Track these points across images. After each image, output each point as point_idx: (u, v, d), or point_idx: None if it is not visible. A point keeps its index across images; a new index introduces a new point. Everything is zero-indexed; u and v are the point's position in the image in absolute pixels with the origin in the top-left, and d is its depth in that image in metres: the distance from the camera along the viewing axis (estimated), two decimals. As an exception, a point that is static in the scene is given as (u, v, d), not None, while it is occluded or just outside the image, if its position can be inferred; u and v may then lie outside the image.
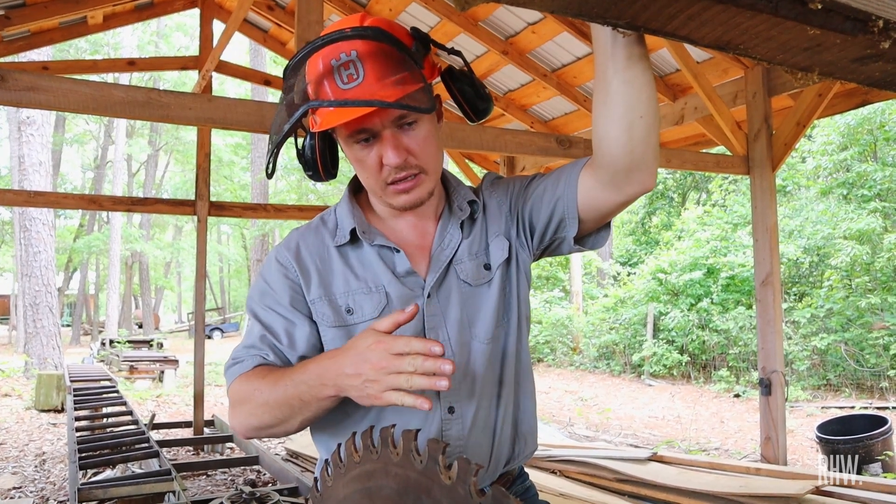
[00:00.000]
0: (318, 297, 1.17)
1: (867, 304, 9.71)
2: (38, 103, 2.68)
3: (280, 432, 1.10)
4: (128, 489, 3.79)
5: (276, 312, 1.17)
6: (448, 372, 0.89)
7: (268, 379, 1.08)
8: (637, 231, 19.46)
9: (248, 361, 1.14)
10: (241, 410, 1.11)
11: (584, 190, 1.13)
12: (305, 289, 1.18)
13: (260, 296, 1.20)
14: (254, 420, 1.09)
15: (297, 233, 1.26)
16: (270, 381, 1.07)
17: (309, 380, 1.01)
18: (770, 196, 4.66)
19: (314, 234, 1.24)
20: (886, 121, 11.53)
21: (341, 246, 1.21)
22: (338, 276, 1.19)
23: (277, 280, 1.19)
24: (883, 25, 0.67)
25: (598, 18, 0.72)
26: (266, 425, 1.09)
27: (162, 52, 24.96)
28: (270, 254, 1.25)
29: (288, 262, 1.20)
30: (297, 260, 1.20)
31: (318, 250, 1.21)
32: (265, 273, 1.22)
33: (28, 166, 12.48)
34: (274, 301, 1.18)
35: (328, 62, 1.04)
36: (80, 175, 32.64)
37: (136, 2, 5.90)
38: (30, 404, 9.28)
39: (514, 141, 3.98)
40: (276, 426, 1.09)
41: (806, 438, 6.79)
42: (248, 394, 1.09)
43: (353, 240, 1.21)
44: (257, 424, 1.10)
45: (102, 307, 27.34)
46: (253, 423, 1.10)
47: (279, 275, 1.19)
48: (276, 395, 1.05)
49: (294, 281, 1.18)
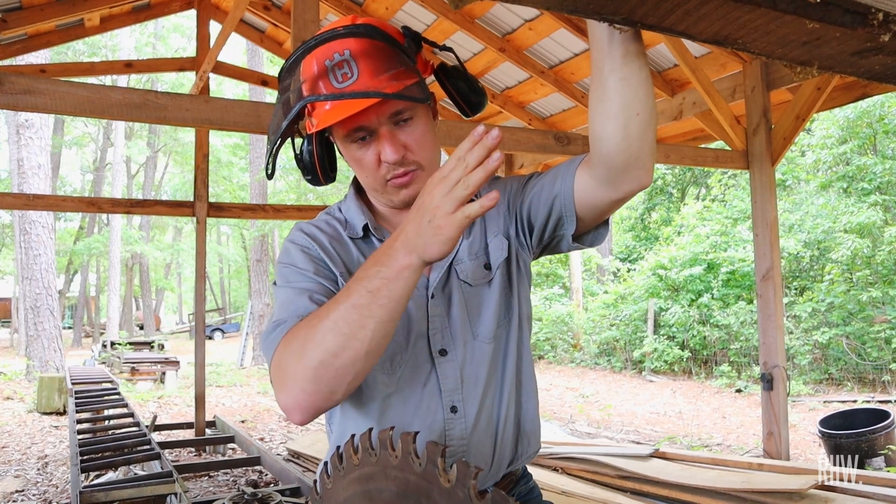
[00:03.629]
0: (342, 273, 1.16)
1: (868, 297, 9.71)
2: (35, 106, 2.68)
3: (348, 360, 0.93)
4: (130, 491, 3.80)
5: (308, 279, 1.13)
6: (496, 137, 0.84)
7: (321, 308, 0.99)
8: (637, 227, 19.46)
9: (292, 320, 1.04)
10: (295, 368, 0.95)
11: (580, 187, 1.13)
12: (331, 263, 1.16)
13: (287, 276, 1.15)
14: (313, 367, 0.93)
15: (307, 222, 1.25)
16: (325, 305, 0.98)
17: (376, 260, 0.94)
18: (770, 190, 4.65)
19: (326, 224, 1.24)
20: (886, 113, 11.53)
21: (354, 239, 1.22)
22: (355, 264, 1.19)
23: (301, 258, 1.16)
24: (883, 18, 0.67)
25: (595, 14, 0.72)
26: (332, 351, 0.92)
27: (159, 54, 24.96)
28: (286, 244, 1.22)
29: (308, 242, 1.18)
30: (317, 241, 1.19)
31: (336, 237, 1.21)
32: (287, 258, 1.18)
33: (27, 169, 12.48)
34: (302, 275, 1.13)
35: (322, 63, 1.05)
36: (79, 177, 32.66)
37: (132, 3, 5.88)
38: (31, 407, 9.28)
39: (511, 138, 3.98)
40: (343, 350, 0.92)
41: (808, 433, 6.78)
42: (301, 335, 0.97)
43: (364, 236, 1.22)
44: (321, 357, 0.93)
45: (103, 309, 27.36)
46: (315, 360, 0.93)
47: (301, 253, 1.17)
48: (337, 306, 0.94)
49: (317, 257, 1.17)
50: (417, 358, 1.16)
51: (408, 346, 1.16)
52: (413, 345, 1.16)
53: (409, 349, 1.16)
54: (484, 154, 0.85)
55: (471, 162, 0.85)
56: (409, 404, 1.14)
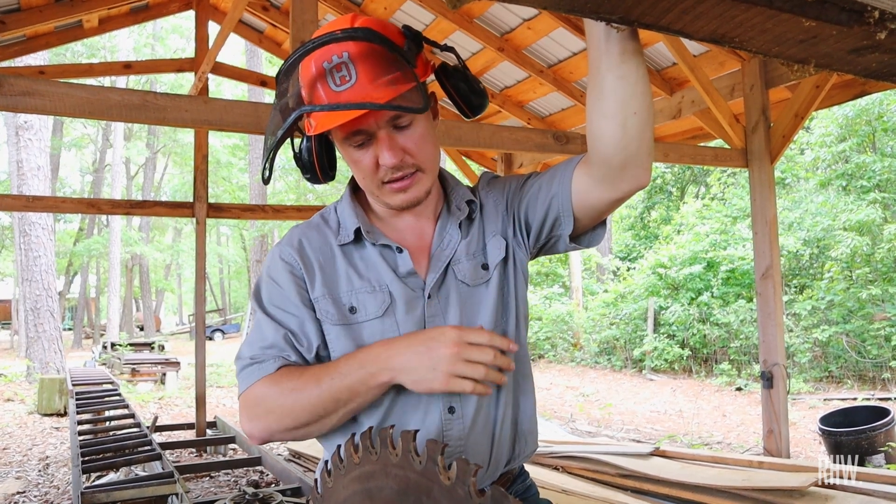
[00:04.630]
0: (322, 295, 1.16)
1: (868, 295, 9.71)
2: (34, 108, 2.67)
3: (314, 431, 1.09)
4: (131, 492, 3.80)
5: (289, 312, 1.16)
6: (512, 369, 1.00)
7: (305, 377, 1.07)
8: (636, 226, 19.46)
9: (271, 363, 1.11)
10: (268, 414, 1.08)
11: (578, 187, 1.13)
12: (310, 285, 1.17)
13: (271, 295, 1.18)
14: (288, 421, 1.07)
15: (299, 230, 1.25)
16: (310, 377, 1.06)
17: (363, 367, 1.03)
18: (769, 188, 4.65)
19: (316, 231, 1.23)
20: (885, 111, 11.53)
21: (344, 245, 1.21)
22: (341, 275, 1.18)
23: (284, 278, 1.18)
24: (879, 16, 0.67)
25: (592, 14, 0.72)
26: (303, 424, 1.07)
27: (158, 55, 24.94)
28: (273, 251, 1.23)
29: (292, 258, 1.19)
30: (301, 257, 1.19)
31: (322, 248, 1.21)
32: (272, 272, 1.20)
33: (27, 171, 12.48)
34: (286, 300, 1.16)
35: (320, 65, 1.05)
36: (78, 179, 32.64)
37: (131, 5, 5.88)
38: (32, 409, 9.29)
39: (511, 138, 3.98)
40: (312, 424, 1.07)
41: (809, 431, 6.79)
42: (278, 395, 1.07)
43: (356, 239, 1.21)
44: (292, 425, 1.07)
45: (103, 310, 27.35)
46: (287, 424, 1.07)
47: (285, 272, 1.18)
48: (320, 391, 1.04)
49: (299, 278, 1.18)
50: None
51: None
52: None
53: None
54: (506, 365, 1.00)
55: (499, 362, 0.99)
56: (406, 405, 1.14)
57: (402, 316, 1.16)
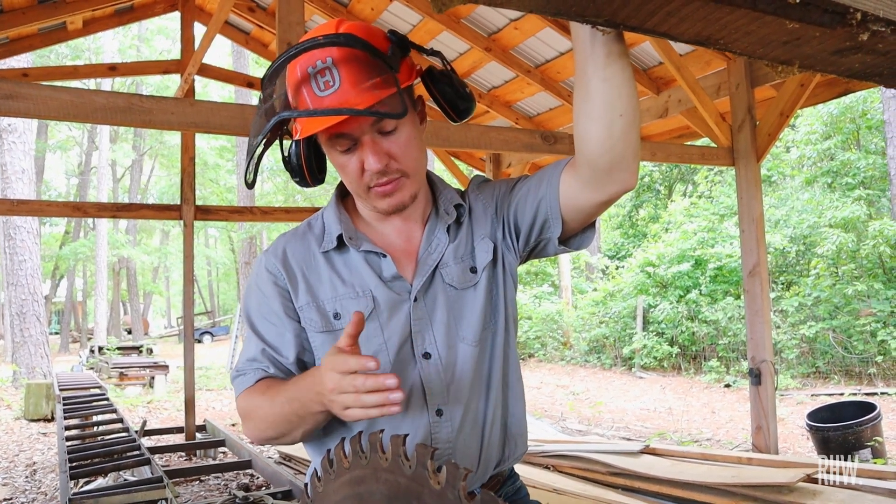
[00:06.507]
0: (306, 304, 1.18)
1: (854, 291, 9.80)
2: (17, 111, 2.64)
3: (288, 442, 1.16)
4: (119, 498, 3.76)
5: (271, 323, 1.19)
6: (392, 386, 0.92)
7: (266, 395, 1.12)
8: (624, 224, 19.55)
9: (251, 375, 1.17)
10: (250, 424, 1.17)
11: (565, 190, 1.13)
12: (294, 295, 1.19)
13: (257, 305, 1.21)
14: (260, 433, 1.16)
15: (284, 238, 1.26)
16: (269, 397, 1.12)
17: (300, 396, 1.06)
18: (755, 186, 4.68)
19: (300, 240, 1.24)
20: (868, 109, 11.65)
21: (327, 252, 1.21)
22: (325, 282, 1.19)
23: (269, 288, 1.20)
24: (861, 17, 0.67)
25: (577, 17, 0.72)
26: (273, 437, 1.15)
27: (143, 57, 24.78)
28: (259, 260, 1.25)
29: (276, 268, 1.20)
30: (285, 266, 1.20)
31: (305, 256, 1.22)
32: (257, 281, 1.22)
33: (11, 174, 12.36)
34: (269, 310, 1.19)
35: (305, 69, 1.05)
36: (64, 181, 32.35)
37: (115, 6, 5.84)
38: (19, 414, 9.20)
39: (499, 138, 3.98)
40: (281, 438, 1.14)
41: (797, 426, 6.84)
42: (252, 409, 1.15)
43: (340, 245, 1.21)
44: (264, 437, 1.16)
45: (91, 314, 27.14)
46: (262, 435, 1.16)
47: (269, 283, 1.20)
48: (274, 412, 1.10)
49: (283, 287, 1.19)
50: (402, 362, 1.16)
51: (391, 351, 1.16)
52: (397, 349, 1.16)
53: (393, 353, 1.16)
54: (378, 386, 0.93)
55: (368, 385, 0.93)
56: None
57: (386, 320, 1.16)
